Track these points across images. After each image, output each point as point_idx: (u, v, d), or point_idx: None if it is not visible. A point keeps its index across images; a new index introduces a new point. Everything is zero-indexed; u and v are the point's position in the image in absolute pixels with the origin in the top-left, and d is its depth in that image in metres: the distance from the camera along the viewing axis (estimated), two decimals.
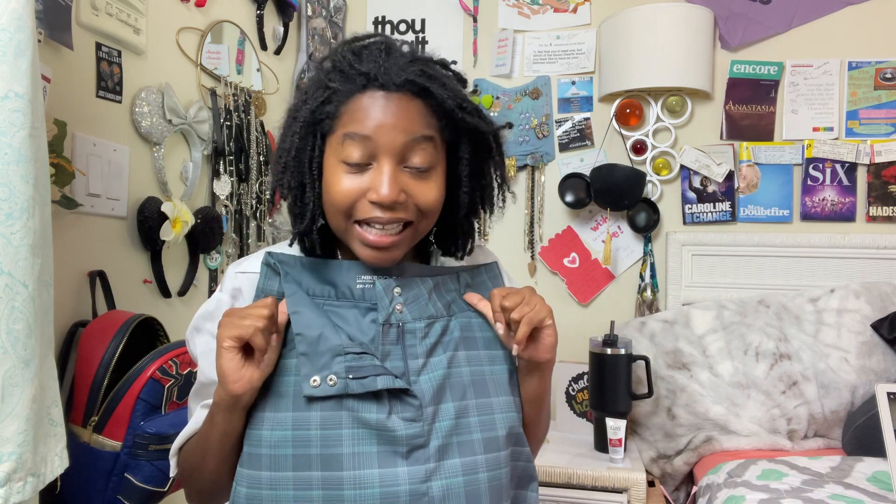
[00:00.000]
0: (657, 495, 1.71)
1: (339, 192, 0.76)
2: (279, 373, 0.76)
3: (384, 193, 0.74)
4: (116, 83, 1.37)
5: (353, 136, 0.75)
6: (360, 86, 0.76)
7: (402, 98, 0.76)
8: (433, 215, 0.81)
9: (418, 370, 0.78)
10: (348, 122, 0.75)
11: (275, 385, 0.76)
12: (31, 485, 0.85)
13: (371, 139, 0.74)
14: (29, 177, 0.83)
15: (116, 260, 1.38)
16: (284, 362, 0.77)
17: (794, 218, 2.16)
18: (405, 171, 0.77)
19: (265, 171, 1.88)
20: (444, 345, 0.81)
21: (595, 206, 2.25)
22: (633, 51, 2.12)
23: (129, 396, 1.16)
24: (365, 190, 0.75)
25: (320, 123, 0.78)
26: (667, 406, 1.89)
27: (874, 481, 1.46)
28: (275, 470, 0.73)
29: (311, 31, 2.20)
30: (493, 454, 0.78)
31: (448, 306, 0.84)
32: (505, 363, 0.85)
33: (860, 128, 2.12)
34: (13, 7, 0.81)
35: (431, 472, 0.74)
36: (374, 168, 0.76)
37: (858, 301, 1.90)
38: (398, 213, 0.76)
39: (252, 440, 0.75)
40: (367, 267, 0.81)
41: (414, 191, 0.77)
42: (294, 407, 0.74)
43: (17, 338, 0.82)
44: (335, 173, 0.77)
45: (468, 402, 0.79)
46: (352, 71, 0.76)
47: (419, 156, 0.76)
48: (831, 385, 1.81)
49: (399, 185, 0.75)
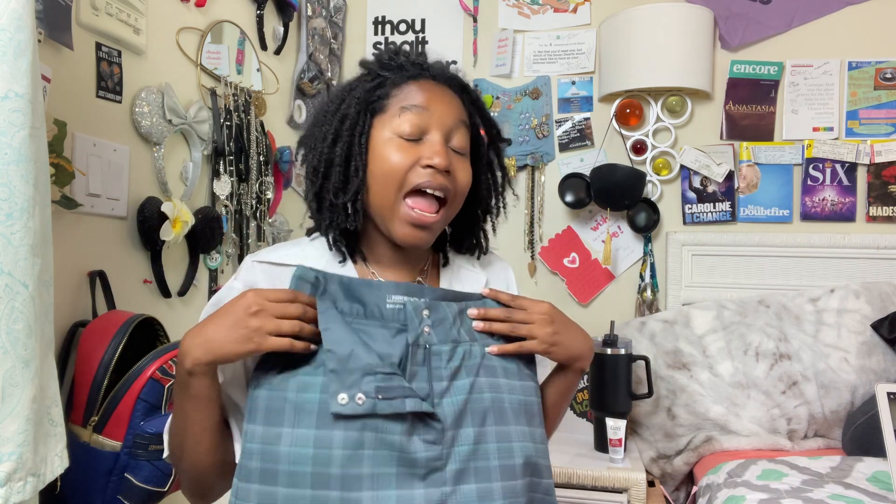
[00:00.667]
0: (657, 495, 1.71)
1: (394, 162, 0.81)
2: (301, 389, 0.75)
3: (438, 161, 0.81)
4: (116, 83, 1.37)
5: (409, 108, 0.82)
6: (413, 74, 0.85)
7: (448, 89, 0.87)
8: (461, 198, 0.87)
9: (442, 393, 0.78)
10: (404, 98, 0.84)
11: (296, 401, 0.75)
12: (31, 485, 0.85)
13: (427, 110, 0.83)
14: (29, 177, 0.83)
15: (116, 260, 1.38)
16: (307, 379, 0.76)
17: (794, 218, 2.16)
18: (450, 150, 0.84)
19: (265, 171, 1.88)
20: (467, 369, 0.81)
21: (595, 206, 2.25)
22: (633, 51, 2.12)
23: (129, 396, 1.16)
24: (418, 158, 0.82)
25: (372, 104, 0.85)
26: (667, 406, 1.89)
27: (874, 481, 1.46)
28: (292, 487, 0.72)
29: (311, 31, 2.20)
30: (509, 482, 0.78)
31: (471, 332, 0.85)
32: (522, 394, 0.85)
33: (860, 128, 2.12)
34: (13, 7, 0.81)
35: (447, 496, 0.74)
36: (427, 141, 0.83)
37: (858, 301, 1.90)
38: (447, 180, 0.83)
39: (267, 456, 0.73)
40: (398, 286, 0.83)
41: (456, 168, 0.85)
42: (318, 425, 0.73)
43: (17, 338, 0.82)
44: (388, 146, 0.82)
45: (487, 428, 0.79)
46: (405, 62, 0.86)
47: (459, 138, 0.85)
48: (831, 385, 1.81)
49: (449, 157, 0.83)
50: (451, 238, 0.97)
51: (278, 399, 0.75)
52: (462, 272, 0.95)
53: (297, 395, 0.75)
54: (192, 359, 0.74)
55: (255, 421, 0.76)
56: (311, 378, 0.76)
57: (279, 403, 0.75)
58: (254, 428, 0.75)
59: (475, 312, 0.85)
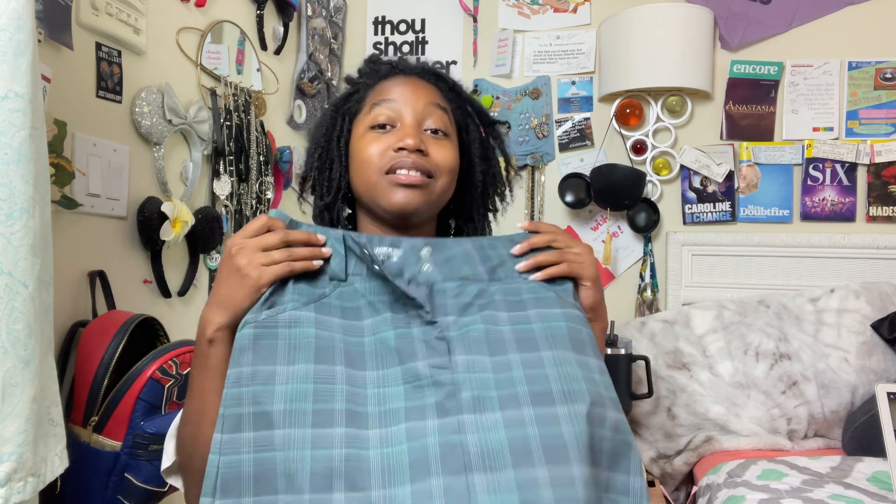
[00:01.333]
0: (657, 495, 1.71)
1: (370, 151, 0.85)
2: (295, 324, 0.72)
3: (409, 142, 0.83)
4: (116, 83, 1.37)
5: (379, 102, 0.87)
6: (384, 74, 0.90)
7: (420, 79, 0.90)
8: (449, 174, 0.87)
9: (448, 326, 0.74)
10: (374, 96, 0.88)
11: (290, 339, 0.71)
12: (31, 485, 0.85)
13: (396, 101, 0.86)
14: (29, 177, 0.83)
15: (116, 260, 1.38)
16: (298, 314, 0.72)
17: (794, 218, 2.16)
18: (424, 132, 0.86)
19: (265, 171, 1.88)
20: (479, 306, 0.76)
21: (595, 206, 2.25)
22: (633, 51, 2.12)
23: (129, 396, 1.16)
24: (392, 144, 0.84)
25: (349, 108, 0.90)
26: (667, 406, 1.89)
27: (874, 481, 1.46)
28: (292, 427, 0.65)
29: (311, 31, 2.20)
30: (544, 408, 0.67)
31: (492, 270, 0.80)
32: (565, 320, 0.76)
33: (860, 128, 2.12)
34: (13, 7, 0.81)
35: (465, 425, 0.65)
36: (399, 128, 0.86)
37: (858, 301, 1.90)
38: (421, 160, 0.84)
39: (260, 397, 0.67)
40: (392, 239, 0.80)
41: (432, 149, 0.85)
42: (316, 359, 0.69)
43: (17, 338, 0.82)
44: (364, 139, 0.86)
45: (510, 356, 0.71)
46: (376, 66, 0.92)
47: (434, 119, 0.87)
48: (831, 385, 1.81)
49: (420, 138, 0.84)
50: (454, 230, 0.97)
51: (268, 336, 0.71)
52: None
53: (287, 330, 0.71)
54: (213, 325, 0.74)
55: (242, 363, 0.70)
56: (303, 312, 0.73)
57: (270, 340, 0.71)
58: (239, 371, 0.69)
59: (518, 248, 0.81)
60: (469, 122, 0.94)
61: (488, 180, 0.95)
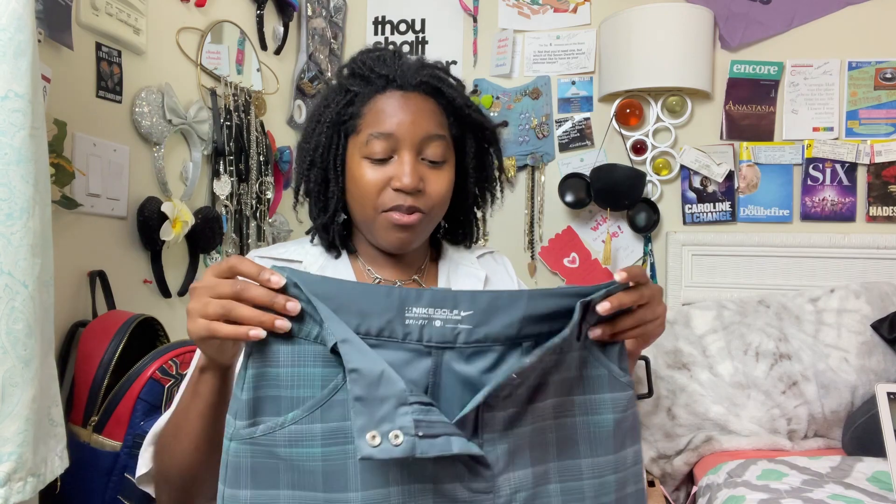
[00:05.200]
0: (657, 495, 1.71)
1: (366, 183, 0.83)
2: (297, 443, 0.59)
3: (406, 182, 0.81)
4: (116, 83, 1.37)
5: (377, 136, 0.83)
6: (380, 87, 0.85)
7: (418, 98, 0.85)
8: (444, 203, 0.88)
9: (493, 441, 0.61)
10: (372, 122, 0.84)
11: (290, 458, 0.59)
12: (31, 485, 0.85)
13: (394, 135, 0.83)
14: (29, 177, 0.83)
15: (116, 260, 1.38)
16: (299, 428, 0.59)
17: (794, 218, 2.16)
18: (422, 162, 0.85)
19: (265, 171, 1.88)
20: (527, 399, 0.63)
21: (595, 206, 2.25)
22: (633, 51, 2.12)
23: (128, 396, 1.16)
24: (388, 178, 0.83)
25: (345, 124, 0.86)
26: (667, 406, 1.89)
27: (874, 481, 1.45)
28: None
29: (311, 31, 2.20)
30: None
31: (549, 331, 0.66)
32: (613, 411, 0.66)
33: (860, 128, 2.12)
34: (13, 7, 0.81)
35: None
36: (396, 160, 0.83)
37: (858, 301, 1.90)
38: (418, 200, 0.83)
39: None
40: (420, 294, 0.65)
41: (429, 179, 0.84)
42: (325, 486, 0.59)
43: (17, 338, 0.82)
44: (360, 167, 0.84)
45: (549, 465, 0.64)
46: (371, 74, 0.85)
47: (434, 149, 0.85)
48: (831, 385, 1.81)
49: (418, 174, 0.83)
50: (445, 231, 0.98)
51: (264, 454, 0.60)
52: (461, 269, 0.96)
53: (289, 451, 0.59)
54: (201, 357, 0.70)
55: (239, 484, 0.59)
56: (306, 426, 0.59)
57: (267, 459, 0.60)
58: (235, 493, 0.59)
59: (607, 306, 0.63)
60: (466, 134, 0.91)
61: (482, 186, 0.96)
